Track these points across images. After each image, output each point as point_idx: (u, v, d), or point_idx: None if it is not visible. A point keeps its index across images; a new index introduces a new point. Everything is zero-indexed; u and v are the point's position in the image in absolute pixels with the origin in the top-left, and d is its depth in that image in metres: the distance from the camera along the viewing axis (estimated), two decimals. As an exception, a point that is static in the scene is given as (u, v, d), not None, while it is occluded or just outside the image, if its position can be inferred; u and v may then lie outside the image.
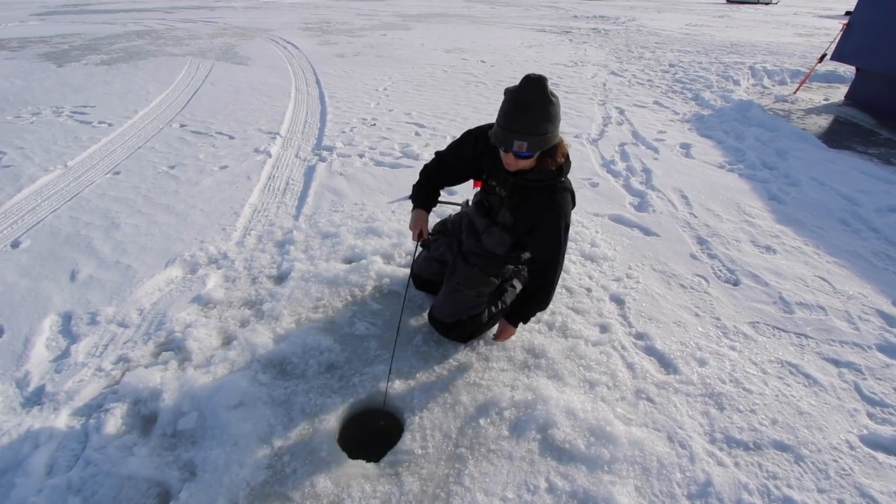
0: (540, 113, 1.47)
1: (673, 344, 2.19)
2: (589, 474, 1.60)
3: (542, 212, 1.74)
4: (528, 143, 1.51)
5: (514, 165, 1.64)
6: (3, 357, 2.10)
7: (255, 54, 9.05)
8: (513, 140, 1.51)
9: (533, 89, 1.46)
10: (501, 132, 1.54)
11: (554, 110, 1.50)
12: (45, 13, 15.85)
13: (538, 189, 1.74)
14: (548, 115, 1.49)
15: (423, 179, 2.05)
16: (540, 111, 1.47)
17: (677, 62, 8.66)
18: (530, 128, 1.48)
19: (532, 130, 1.49)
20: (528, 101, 1.47)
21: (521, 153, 1.55)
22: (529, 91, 1.46)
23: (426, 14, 16.90)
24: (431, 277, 2.34)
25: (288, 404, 1.84)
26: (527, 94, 1.47)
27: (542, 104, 1.47)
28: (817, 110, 6.01)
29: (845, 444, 1.75)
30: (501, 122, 1.54)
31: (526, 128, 1.48)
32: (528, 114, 1.47)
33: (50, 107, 5.68)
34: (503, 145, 1.57)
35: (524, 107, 1.47)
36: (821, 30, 14.32)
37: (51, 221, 3.20)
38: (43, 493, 1.53)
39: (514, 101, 1.50)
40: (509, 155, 1.60)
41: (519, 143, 1.51)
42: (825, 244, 3.04)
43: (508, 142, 1.53)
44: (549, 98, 1.48)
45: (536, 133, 1.49)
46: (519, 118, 1.49)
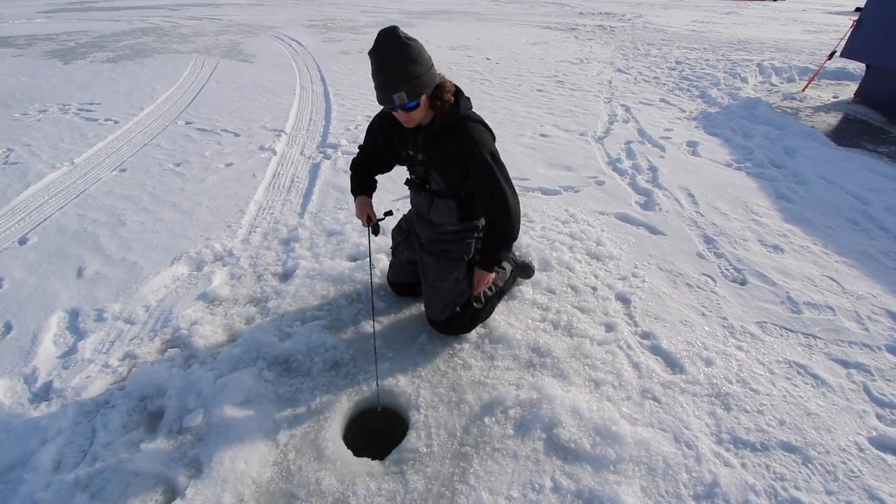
0: (402, 59, 1.46)
1: (679, 343, 2.18)
2: (594, 474, 1.59)
3: (457, 150, 1.70)
4: (405, 91, 1.49)
5: (409, 120, 1.63)
6: (11, 353, 2.12)
7: (259, 51, 9.06)
8: (390, 94, 1.50)
9: (386, 39, 1.46)
10: (379, 92, 1.53)
11: (414, 52, 1.48)
12: (51, 10, 15.93)
13: (444, 132, 1.70)
14: (410, 59, 1.47)
15: (354, 171, 2.07)
16: (401, 58, 1.46)
17: (684, 59, 8.59)
18: (400, 76, 1.47)
19: (402, 78, 1.47)
20: (387, 52, 1.46)
21: (406, 105, 1.54)
22: (384, 41, 1.46)
23: (431, 11, 16.84)
24: (407, 279, 2.32)
25: (293, 401, 1.85)
26: (383, 45, 1.46)
27: (400, 51, 1.46)
28: (826, 108, 5.94)
29: (854, 445, 1.73)
30: (375, 84, 1.53)
31: (395, 78, 1.47)
32: (391, 64, 1.46)
33: (56, 104, 5.72)
34: (386, 104, 1.55)
35: (384, 59, 1.47)
36: (830, 26, 14.16)
37: (58, 218, 3.22)
38: (51, 488, 1.54)
39: (375, 56, 1.49)
40: (399, 112, 1.59)
41: (397, 94, 1.49)
42: (834, 243, 3.01)
43: (388, 98, 1.52)
44: (405, 43, 1.46)
45: (407, 79, 1.48)
46: (386, 70, 1.48)
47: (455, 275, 2.05)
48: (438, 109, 1.64)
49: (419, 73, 1.49)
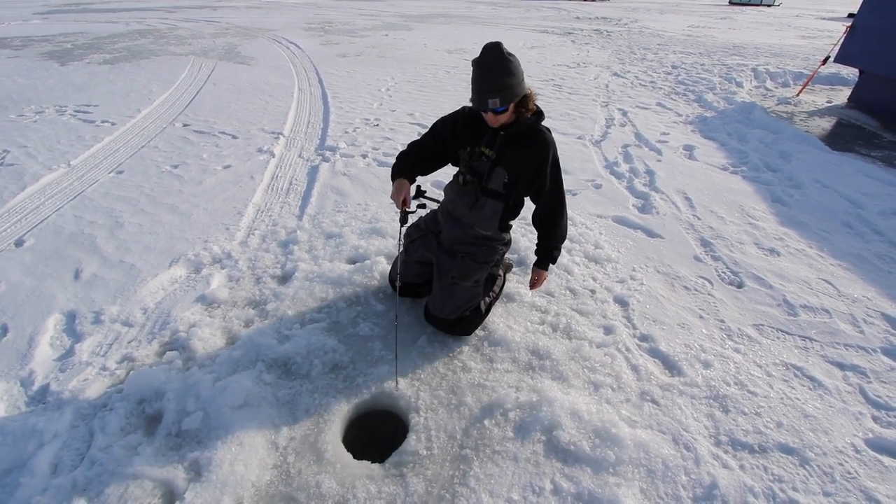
0: (503, 70, 1.70)
1: (677, 346, 2.19)
2: (594, 476, 1.60)
3: (534, 152, 1.92)
4: (500, 97, 1.72)
5: (495, 121, 1.84)
6: (8, 356, 2.10)
7: (257, 54, 9.06)
8: (486, 99, 1.73)
9: (491, 53, 1.70)
10: (476, 95, 1.76)
11: (513, 66, 1.72)
12: (47, 12, 15.88)
13: (524, 135, 1.91)
14: (509, 71, 1.71)
15: (403, 155, 2.03)
16: (502, 69, 1.70)
17: (680, 64, 8.66)
18: (498, 84, 1.70)
19: (500, 87, 1.71)
20: (491, 63, 1.70)
21: (497, 108, 1.75)
22: (489, 55, 1.70)
23: (428, 15, 16.91)
24: (414, 280, 2.32)
25: (292, 404, 1.84)
26: (487, 58, 1.70)
27: (502, 63, 1.70)
28: (820, 113, 6.01)
29: (850, 447, 1.74)
30: (475, 87, 1.76)
31: (494, 85, 1.71)
32: (493, 73, 1.70)
33: (53, 105, 5.69)
34: (480, 106, 1.78)
35: (488, 68, 1.70)
36: (824, 32, 14.31)
37: (54, 220, 3.20)
38: (48, 492, 1.53)
39: (479, 66, 1.73)
40: (489, 114, 1.81)
41: (492, 100, 1.72)
42: (829, 247, 3.03)
43: (483, 102, 1.74)
44: (507, 57, 1.70)
45: (504, 88, 1.71)
46: (486, 79, 1.71)
47: (476, 277, 2.10)
48: (522, 116, 1.87)
49: (513, 83, 1.73)
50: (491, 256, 2.15)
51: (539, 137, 1.91)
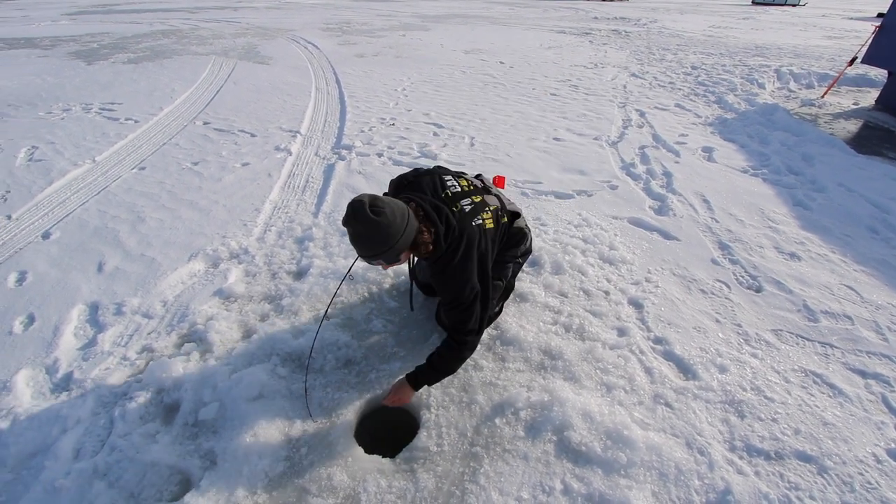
0: (373, 236, 1.50)
1: (692, 349, 2.16)
2: (605, 478, 1.59)
3: (436, 285, 1.77)
4: (384, 259, 1.58)
5: (390, 268, 1.73)
6: (34, 344, 2.18)
7: (276, 54, 9.19)
8: (370, 262, 1.61)
9: (355, 218, 1.48)
10: (361, 257, 1.61)
11: (383, 228, 1.49)
12: (75, 13, 16.35)
13: (430, 266, 1.78)
14: (382, 235, 1.50)
15: None
16: (372, 234, 1.50)
17: (700, 64, 8.52)
18: (375, 250, 1.53)
19: (376, 252, 1.54)
20: (358, 232, 1.51)
21: (387, 264, 1.63)
22: (353, 221, 1.49)
23: (445, 15, 16.94)
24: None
25: (306, 398, 1.87)
26: (353, 224, 1.50)
27: (370, 228, 1.48)
28: (846, 115, 5.84)
29: (871, 457, 1.70)
30: (355, 250, 1.60)
31: (370, 251, 1.54)
32: (364, 240, 1.52)
33: (79, 103, 5.86)
34: (370, 264, 1.65)
35: (357, 237, 1.53)
36: (851, 32, 13.92)
37: (79, 214, 3.30)
38: (70, 475, 1.58)
39: (349, 234, 1.55)
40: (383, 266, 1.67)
41: (375, 262, 1.60)
42: (853, 252, 2.95)
43: (370, 263, 1.63)
44: (374, 222, 1.47)
45: (382, 252, 1.54)
46: (361, 246, 1.55)
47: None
48: (421, 252, 1.69)
49: (391, 243, 1.52)
50: (504, 273, 2.08)
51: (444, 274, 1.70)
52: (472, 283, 1.70)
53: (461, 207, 1.75)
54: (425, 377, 1.78)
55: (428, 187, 1.78)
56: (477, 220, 1.76)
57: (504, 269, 2.08)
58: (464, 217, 1.73)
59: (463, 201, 1.77)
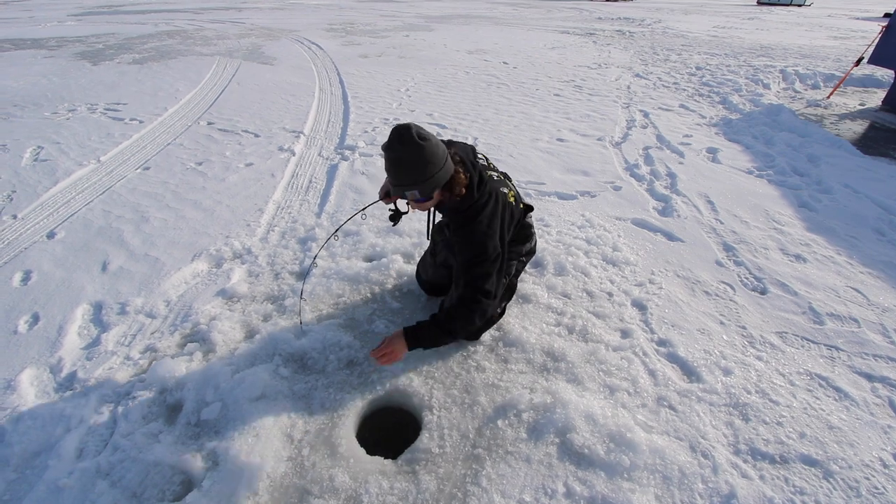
0: (415, 161, 1.50)
1: (696, 352, 2.15)
2: (608, 481, 1.58)
3: (459, 241, 1.76)
4: (418, 189, 1.56)
5: (419, 208, 1.71)
6: (39, 343, 2.19)
7: (280, 54, 9.21)
8: (403, 192, 1.59)
9: (400, 141, 1.49)
10: (393, 187, 1.61)
11: (427, 154, 1.51)
12: (81, 14, 16.45)
13: (455, 218, 1.77)
14: (423, 161, 1.51)
15: None
16: (415, 160, 1.50)
17: (704, 65, 8.48)
18: (412, 177, 1.53)
19: (415, 179, 1.53)
20: (401, 155, 1.50)
21: (419, 199, 1.61)
22: (397, 144, 1.49)
23: (449, 15, 16.94)
24: (443, 281, 2.33)
25: (308, 398, 1.87)
26: (396, 148, 1.50)
27: (413, 153, 1.49)
28: (852, 115, 5.80)
29: (878, 461, 1.68)
30: (388, 178, 1.61)
31: (408, 178, 1.54)
32: (405, 166, 1.52)
33: (85, 104, 5.89)
34: (399, 197, 1.66)
35: (398, 161, 1.52)
36: (857, 32, 13.83)
37: (84, 214, 3.31)
38: (73, 475, 1.59)
39: (389, 159, 1.55)
40: (411, 203, 1.67)
41: (409, 192, 1.58)
42: (859, 254, 2.93)
43: (401, 194, 1.61)
44: (418, 145, 1.49)
45: (420, 181, 1.53)
46: (398, 172, 1.54)
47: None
48: (450, 197, 1.68)
49: (432, 172, 1.54)
50: (507, 269, 2.07)
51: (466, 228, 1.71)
52: (495, 241, 1.71)
53: (489, 175, 1.80)
54: (425, 335, 1.71)
55: (462, 149, 1.81)
56: (503, 189, 1.80)
57: (508, 266, 2.08)
58: (492, 180, 1.78)
59: (491, 172, 1.84)
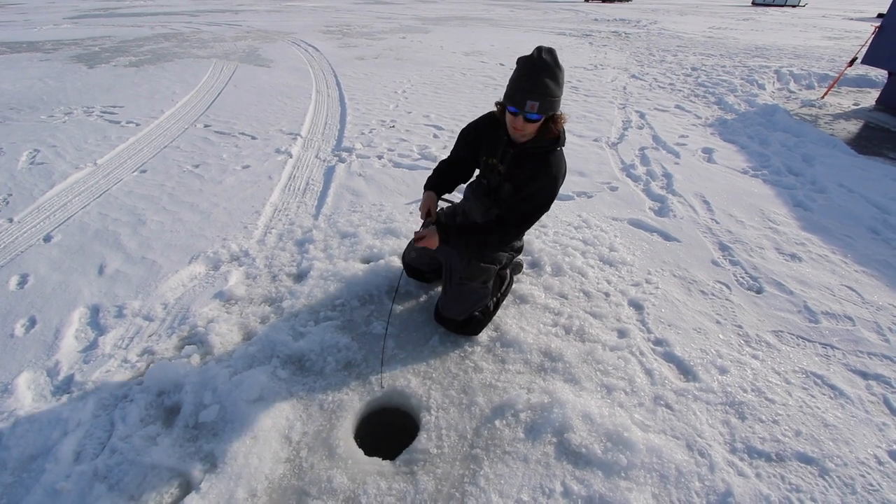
0: (551, 77, 1.58)
1: (693, 351, 2.16)
2: (605, 480, 1.58)
3: (536, 174, 1.81)
4: (540, 103, 1.60)
5: (521, 129, 1.71)
6: (36, 347, 2.18)
7: (277, 57, 9.21)
8: (525, 100, 1.60)
9: (545, 56, 1.58)
10: (515, 93, 1.62)
11: (562, 78, 1.62)
12: (77, 17, 16.41)
13: (535, 156, 1.82)
14: (557, 81, 1.60)
15: (436, 171, 2.14)
16: (552, 76, 1.58)
17: (700, 66, 8.52)
18: (543, 89, 1.58)
19: (544, 91, 1.58)
20: (542, 66, 1.57)
21: (532, 115, 1.63)
22: (543, 56, 1.57)
23: (445, 17, 16.97)
24: (422, 267, 2.39)
25: (306, 400, 1.87)
26: (541, 59, 1.57)
27: (553, 69, 1.58)
28: (846, 115, 5.84)
29: (873, 458, 1.70)
30: (514, 85, 1.63)
31: (539, 88, 1.58)
32: (541, 77, 1.57)
33: (81, 106, 5.88)
34: (515, 105, 1.64)
35: (538, 70, 1.57)
36: (851, 32, 13.92)
37: (81, 217, 3.31)
38: (71, 478, 1.58)
39: (528, 65, 1.59)
40: (518, 119, 1.67)
41: (531, 103, 1.60)
42: (853, 253, 2.95)
43: (522, 101, 1.61)
44: (559, 65, 1.60)
45: (548, 94, 1.59)
46: (533, 80, 1.58)
47: (483, 278, 2.11)
48: (544, 134, 1.75)
49: (556, 94, 1.62)
50: (498, 260, 2.16)
51: (548, 162, 1.79)
52: (555, 189, 1.80)
53: None
54: (455, 234, 1.83)
55: None
56: None
57: (498, 256, 2.14)
58: None
59: None
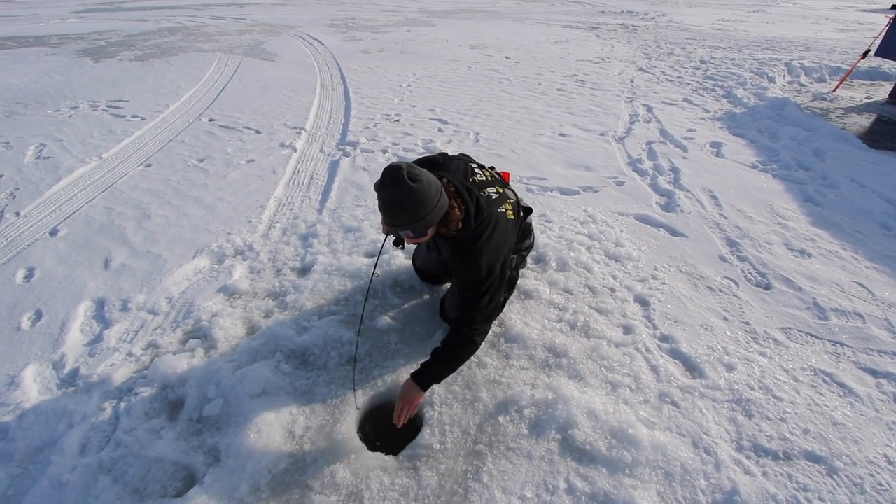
0: (407, 203, 1.49)
1: (699, 347, 2.13)
2: (610, 477, 1.57)
3: (456, 266, 1.75)
4: (412, 229, 1.56)
5: (415, 243, 1.72)
6: (42, 340, 2.20)
7: (281, 50, 9.18)
8: (398, 231, 1.59)
9: (392, 184, 1.48)
10: (387, 225, 1.60)
11: (419, 195, 1.49)
12: (83, 11, 16.45)
13: (453, 249, 1.74)
14: (416, 203, 1.49)
15: None
16: (406, 202, 1.49)
17: (709, 58, 8.40)
18: (404, 218, 1.53)
19: (406, 220, 1.53)
20: (392, 197, 1.50)
21: (414, 236, 1.62)
22: (388, 186, 1.49)
23: (451, 10, 16.84)
24: (435, 271, 2.37)
25: (309, 394, 1.87)
26: (387, 190, 1.49)
27: (404, 194, 1.48)
28: (858, 109, 5.74)
29: (883, 458, 1.67)
30: (382, 216, 1.59)
31: (400, 219, 1.53)
32: (396, 207, 1.51)
33: (87, 101, 5.90)
34: (394, 234, 1.65)
35: (390, 202, 1.51)
36: (864, 24, 13.66)
37: (86, 211, 3.32)
38: (76, 471, 1.60)
39: (381, 199, 1.54)
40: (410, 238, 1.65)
41: (404, 232, 1.59)
42: (864, 249, 2.90)
43: (395, 232, 1.62)
44: (409, 188, 1.47)
45: (413, 221, 1.53)
46: (391, 213, 1.54)
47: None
48: (446, 230, 1.68)
49: (424, 213, 1.52)
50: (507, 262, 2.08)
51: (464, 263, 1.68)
52: (493, 268, 1.70)
53: (488, 194, 1.77)
54: (433, 373, 1.69)
55: (458, 171, 1.80)
56: (501, 209, 1.78)
57: (508, 261, 2.07)
58: (490, 203, 1.75)
59: (489, 189, 1.80)
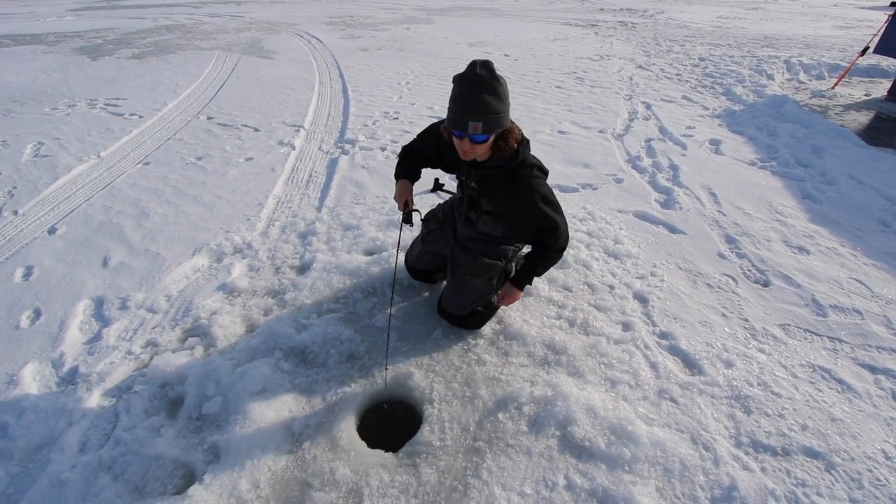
0: (491, 93, 1.46)
1: (698, 344, 2.14)
2: (609, 473, 1.57)
3: (516, 200, 1.73)
4: (483, 123, 1.48)
5: (469, 152, 1.61)
6: (41, 338, 2.19)
7: (280, 48, 9.16)
8: (467, 122, 1.49)
9: (482, 70, 1.45)
10: (455, 116, 1.51)
11: (504, 91, 1.49)
12: (80, 9, 16.38)
13: (502, 176, 1.72)
14: (499, 96, 1.48)
15: (402, 158, 2.10)
16: (491, 92, 1.46)
17: (708, 56, 8.39)
18: (483, 107, 1.46)
19: (485, 110, 1.47)
20: (479, 83, 1.45)
21: (477, 136, 1.52)
22: (478, 73, 1.45)
23: (449, 7, 16.80)
24: (427, 268, 2.37)
25: (309, 392, 1.87)
26: (476, 76, 1.45)
27: (492, 85, 1.45)
28: (857, 106, 5.74)
29: (881, 453, 1.68)
30: (454, 106, 1.51)
31: (479, 107, 1.46)
32: (480, 95, 1.45)
33: (84, 99, 5.88)
34: (458, 129, 1.52)
35: (476, 87, 1.46)
36: (863, 21, 13.66)
37: (85, 209, 3.31)
38: (76, 468, 1.60)
39: (464, 84, 1.47)
40: (465, 141, 1.56)
41: (474, 124, 1.48)
42: (863, 245, 2.91)
43: (463, 124, 1.50)
44: (498, 79, 1.47)
45: (490, 112, 1.47)
46: (471, 100, 1.46)
47: (488, 275, 2.08)
48: (498, 152, 1.64)
49: (501, 110, 1.50)
50: (504, 255, 2.12)
51: (521, 183, 1.70)
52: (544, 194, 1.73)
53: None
54: (526, 279, 1.97)
55: None
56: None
57: (504, 250, 2.11)
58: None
59: None
